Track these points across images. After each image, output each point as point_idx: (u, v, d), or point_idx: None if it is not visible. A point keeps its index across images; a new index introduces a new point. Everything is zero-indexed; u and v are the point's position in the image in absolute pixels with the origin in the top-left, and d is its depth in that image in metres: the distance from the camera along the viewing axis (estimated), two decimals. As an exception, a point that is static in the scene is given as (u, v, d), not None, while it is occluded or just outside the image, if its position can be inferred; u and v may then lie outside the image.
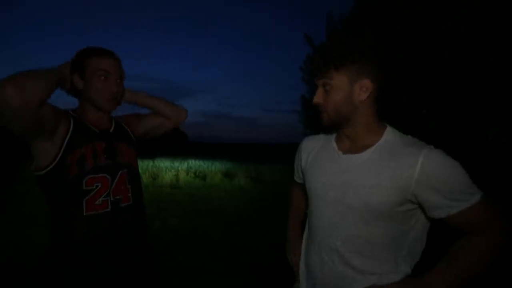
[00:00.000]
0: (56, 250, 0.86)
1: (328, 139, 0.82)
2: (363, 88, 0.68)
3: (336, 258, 0.71)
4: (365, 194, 0.66)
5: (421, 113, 1.66)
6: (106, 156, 0.90)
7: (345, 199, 0.70)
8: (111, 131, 0.97)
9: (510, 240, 0.61)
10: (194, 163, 10.55)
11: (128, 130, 1.04)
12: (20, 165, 5.30)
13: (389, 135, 0.70)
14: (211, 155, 16.10)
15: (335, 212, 0.72)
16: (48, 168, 0.83)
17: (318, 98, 0.72)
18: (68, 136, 0.85)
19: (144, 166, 8.29)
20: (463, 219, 0.61)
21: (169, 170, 8.23)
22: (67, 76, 0.89)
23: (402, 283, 0.66)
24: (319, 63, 0.69)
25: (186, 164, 10.08)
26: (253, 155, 13.42)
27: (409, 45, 1.72)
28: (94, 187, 0.86)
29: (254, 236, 3.35)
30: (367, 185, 0.66)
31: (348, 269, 0.70)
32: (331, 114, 0.71)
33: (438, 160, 0.61)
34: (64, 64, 0.89)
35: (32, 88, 0.68)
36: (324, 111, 0.72)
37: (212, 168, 9.50)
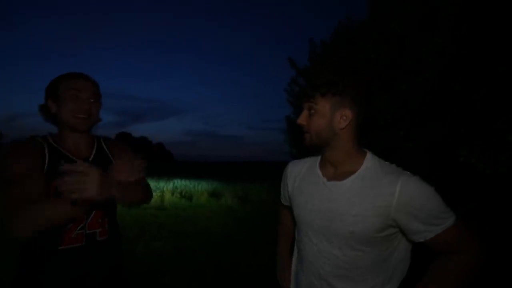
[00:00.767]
0: (23, 282, 0.82)
1: (312, 164, 0.85)
2: (343, 117, 0.72)
3: (324, 283, 0.74)
4: (349, 222, 0.69)
5: (398, 134, 1.76)
6: None
7: (331, 226, 0.72)
8: (91, 159, 0.94)
9: (484, 259, 0.66)
10: (180, 183, 10.29)
11: (110, 157, 0.99)
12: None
13: (369, 162, 0.74)
14: (197, 174, 15.80)
15: (322, 238, 0.75)
16: None
17: (302, 120, 0.76)
18: (46, 170, 0.82)
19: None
20: (440, 241, 0.66)
21: (154, 190, 7.96)
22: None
23: None
24: (307, 88, 0.75)
25: (171, 184, 9.83)
26: (240, 174, 13.30)
27: (383, 71, 1.87)
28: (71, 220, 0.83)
29: (242, 257, 3.26)
30: (351, 213, 0.69)
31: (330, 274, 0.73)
32: (313, 136, 0.75)
33: (415, 187, 0.65)
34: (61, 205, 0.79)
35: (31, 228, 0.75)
36: (307, 132, 0.76)
37: (198, 188, 9.32)
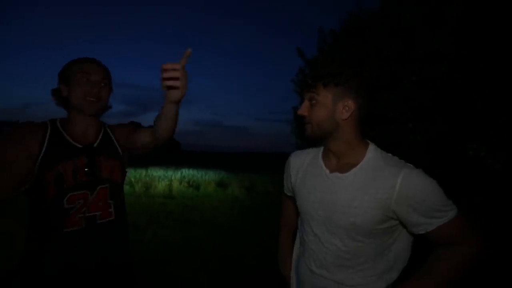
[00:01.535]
0: (29, 262, 0.84)
1: (315, 155, 0.85)
2: (346, 108, 0.72)
3: (325, 272, 0.75)
4: (351, 213, 0.70)
5: (407, 126, 1.73)
6: (86, 172, 0.88)
7: (333, 217, 0.73)
8: (96, 144, 0.95)
9: (483, 252, 0.66)
10: (188, 173, 10.43)
11: (115, 142, 1.01)
12: None
13: (371, 154, 0.74)
14: (204, 164, 15.98)
15: (323, 229, 0.76)
16: (27, 186, 0.82)
17: (303, 111, 0.76)
18: (42, 155, 0.83)
19: (137, 175, 8.17)
20: (440, 234, 0.66)
21: (162, 179, 8.13)
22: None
23: None
24: (309, 78, 0.74)
25: (179, 173, 9.98)
26: (246, 164, 13.39)
27: (393, 62, 1.81)
28: (76, 204, 0.86)
29: (247, 247, 3.32)
30: (352, 205, 0.70)
31: (335, 283, 0.74)
32: (314, 127, 0.74)
33: (416, 181, 0.65)
34: None
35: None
36: (308, 123, 0.76)
37: (205, 177, 9.43)
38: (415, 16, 1.66)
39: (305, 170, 0.85)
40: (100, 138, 0.97)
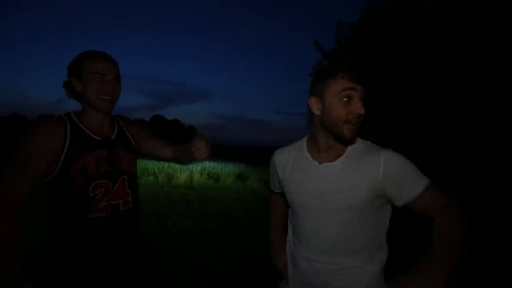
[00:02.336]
0: (55, 247, 0.89)
1: (299, 150, 0.89)
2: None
3: (325, 258, 0.80)
4: (344, 197, 0.77)
5: (423, 121, 1.65)
6: (107, 163, 0.93)
7: (327, 204, 0.79)
8: (113, 137, 0.99)
9: (467, 217, 0.71)
10: (208, 165, 10.62)
11: (130, 137, 1.05)
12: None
13: (355, 144, 0.81)
14: (225, 157, 16.21)
15: (319, 216, 0.80)
16: (50, 177, 0.88)
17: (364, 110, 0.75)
18: (66, 149, 0.87)
19: (160, 166, 8.54)
20: (424, 201, 0.73)
21: (184, 171, 8.43)
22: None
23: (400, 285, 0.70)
24: (361, 76, 0.76)
25: (200, 165, 10.17)
26: (266, 158, 13.33)
27: (410, 55, 1.73)
28: (98, 192, 0.91)
29: (264, 238, 3.38)
30: (344, 189, 0.77)
31: (334, 267, 0.80)
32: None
33: (395, 159, 0.75)
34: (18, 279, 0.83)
35: None
36: (359, 122, 0.77)
37: (225, 170, 9.61)
38: (433, 4, 1.56)
39: (292, 165, 0.89)
40: (116, 131, 1.02)
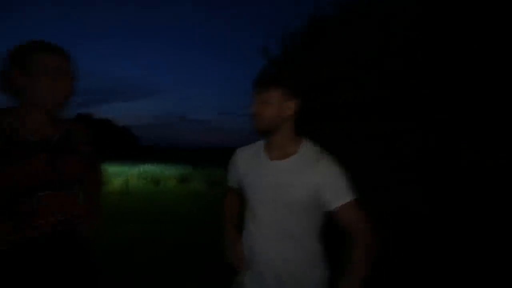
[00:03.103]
0: None
1: (258, 148, 1.01)
2: (290, 107, 0.90)
3: (275, 243, 0.91)
4: (292, 191, 0.88)
5: (399, 124, 1.60)
6: (51, 170, 0.80)
7: (278, 197, 0.90)
8: (56, 140, 0.85)
9: (374, 235, 0.86)
10: (147, 168, 10.06)
11: (78, 139, 0.92)
12: None
13: (305, 146, 0.94)
14: (165, 159, 15.33)
15: (269, 208, 0.92)
16: None
17: (256, 109, 0.90)
18: None
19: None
20: (344, 213, 0.87)
21: (118, 175, 7.68)
22: None
23: None
24: (263, 80, 0.90)
25: (137, 169, 9.59)
26: (209, 159, 13.25)
27: (372, 51, 1.75)
28: (42, 206, 0.78)
29: (210, 238, 3.39)
30: (293, 184, 0.89)
31: (283, 257, 0.91)
32: (266, 123, 0.90)
33: (331, 168, 0.89)
34: None
35: None
36: (260, 120, 0.90)
37: (166, 173, 9.18)
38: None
39: (251, 161, 1.00)
40: (62, 134, 0.88)
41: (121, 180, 7.21)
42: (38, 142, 0.81)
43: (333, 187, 0.87)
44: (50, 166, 0.80)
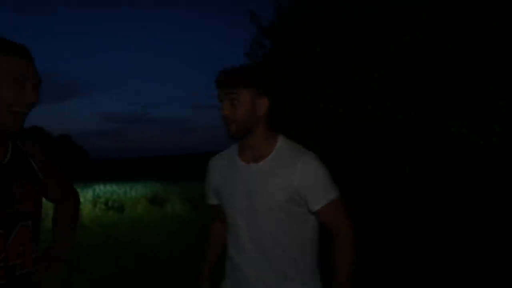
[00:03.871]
0: None
1: (231, 153, 1.18)
2: (262, 104, 1.05)
3: (259, 256, 1.08)
4: (268, 197, 1.04)
5: (386, 105, 2.00)
6: None
7: (255, 203, 1.06)
8: (5, 162, 0.90)
9: (355, 236, 1.06)
10: (104, 189, 10.07)
11: (34, 165, 0.97)
12: None
13: (280, 144, 1.10)
14: (128, 175, 15.32)
15: (247, 216, 1.08)
16: None
17: (227, 111, 1.03)
18: None
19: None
20: (326, 213, 1.05)
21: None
22: None
23: None
24: (229, 79, 1.04)
25: (91, 191, 9.56)
26: (188, 170, 13.24)
27: (363, 30, 2.05)
28: None
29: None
30: (268, 189, 1.05)
31: (269, 266, 1.07)
32: (239, 125, 1.03)
33: (312, 165, 1.04)
34: None
35: None
36: (232, 122, 1.03)
37: (131, 193, 9.26)
38: None
39: (225, 169, 1.17)
40: (10, 155, 0.92)
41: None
42: None
43: (314, 186, 1.03)
44: None
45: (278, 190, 1.03)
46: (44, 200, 1.06)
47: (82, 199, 7.96)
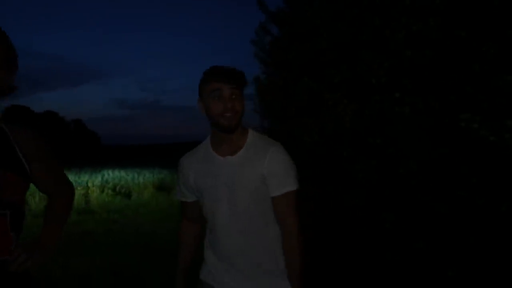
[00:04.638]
0: None
1: (205, 149, 1.26)
2: (244, 101, 1.18)
3: (235, 237, 1.18)
4: (245, 185, 1.15)
5: (393, 97, 1.93)
6: None
7: (234, 191, 1.16)
8: None
9: (298, 234, 1.14)
10: (113, 175, 10.29)
11: (18, 152, 0.96)
12: None
13: (251, 136, 1.21)
14: (136, 161, 15.54)
15: (230, 205, 1.17)
16: None
17: (235, 105, 1.11)
18: None
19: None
20: (279, 202, 1.14)
21: (74, 187, 7.76)
22: None
23: None
24: (236, 76, 1.12)
25: (100, 177, 9.79)
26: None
27: (376, 15, 1.95)
28: None
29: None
30: (245, 178, 1.15)
31: (246, 248, 1.17)
32: (238, 119, 1.13)
33: (278, 156, 1.15)
34: None
35: None
36: (237, 117, 1.12)
37: (139, 180, 9.40)
38: None
39: (200, 165, 1.24)
40: None
41: (78, 192, 7.26)
42: None
43: (276, 176, 1.14)
44: None
45: (253, 178, 1.14)
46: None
47: (90, 184, 8.19)
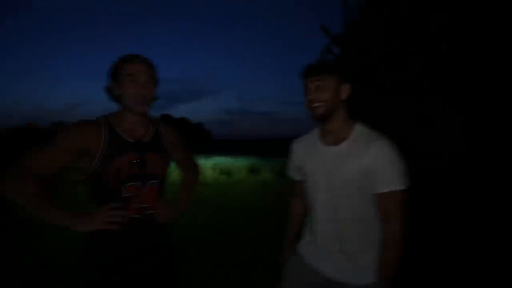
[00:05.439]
0: (93, 241, 0.94)
1: (312, 137, 1.09)
2: (345, 90, 0.97)
3: (339, 225, 0.99)
4: (345, 174, 0.95)
5: (441, 98, 1.58)
6: (138, 167, 0.95)
7: (335, 180, 0.97)
8: (147, 141, 1.00)
9: (400, 235, 0.91)
10: (219, 160, 10.80)
11: (165, 142, 1.06)
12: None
13: (358, 128, 0.99)
14: (235, 151, 16.21)
15: (329, 193, 0.99)
16: (87, 176, 0.93)
17: (313, 96, 0.95)
18: (103, 151, 0.90)
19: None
20: (384, 200, 0.91)
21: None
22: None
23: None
24: (316, 68, 0.95)
25: (211, 161, 10.35)
26: (275, 150, 13.43)
27: (419, 28, 1.66)
28: (129, 195, 0.94)
29: (279, 231, 3.43)
30: (345, 168, 0.95)
31: (340, 232, 0.99)
32: (323, 109, 0.95)
33: (383, 150, 0.91)
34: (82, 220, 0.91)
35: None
36: (318, 107, 0.96)
37: (236, 164, 9.69)
38: None
39: (307, 150, 1.07)
40: (152, 135, 1.03)
41: (198, 171, 7.99)
42: (133, 143, 0.97)
43: (382, 172, 0.90)
44: (136, 163, 0.96)
45: (353, 169, 0.92)
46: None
47: (204, 166, 8.83)
